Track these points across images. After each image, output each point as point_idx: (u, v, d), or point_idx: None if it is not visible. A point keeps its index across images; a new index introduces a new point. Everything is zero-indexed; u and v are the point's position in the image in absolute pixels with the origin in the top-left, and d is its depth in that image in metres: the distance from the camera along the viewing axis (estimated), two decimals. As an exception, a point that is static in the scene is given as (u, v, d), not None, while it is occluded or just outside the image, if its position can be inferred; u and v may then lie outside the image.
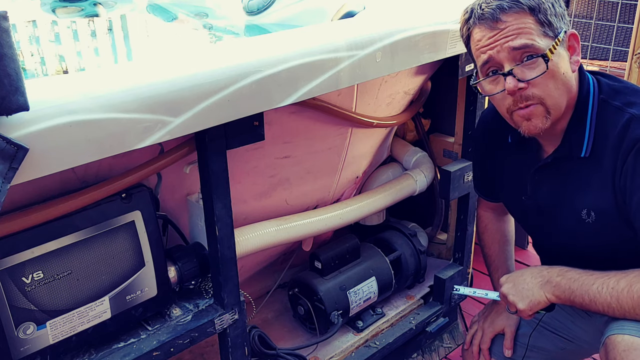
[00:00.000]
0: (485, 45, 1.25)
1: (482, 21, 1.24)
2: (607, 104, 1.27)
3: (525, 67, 1.22)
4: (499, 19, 1.22)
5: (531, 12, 1.21)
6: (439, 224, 2.22)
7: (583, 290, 1.25)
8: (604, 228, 1.29)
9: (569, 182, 1.34)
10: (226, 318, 1.41)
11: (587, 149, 1.28)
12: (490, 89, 1.29)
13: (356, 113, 1.68)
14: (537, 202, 1.41)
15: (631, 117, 1.22)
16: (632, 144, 1.20)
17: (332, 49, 1.33)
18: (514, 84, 1.22)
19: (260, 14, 2.14)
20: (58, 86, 1.06)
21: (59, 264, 1.17)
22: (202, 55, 1.23)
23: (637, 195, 1.20)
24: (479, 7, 1.26)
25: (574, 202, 1.32)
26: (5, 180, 0.92)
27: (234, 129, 1.26)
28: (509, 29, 1.22)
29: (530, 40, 1.21)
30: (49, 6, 2.39)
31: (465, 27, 1.31)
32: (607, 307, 1.23)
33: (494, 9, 1.23)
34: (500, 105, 1.30)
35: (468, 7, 1.30)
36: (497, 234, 1.68)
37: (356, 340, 1.87)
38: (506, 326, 1.58)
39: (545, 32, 1.22)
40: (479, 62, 1.28)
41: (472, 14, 1.28)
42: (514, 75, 1.22)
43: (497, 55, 1.24)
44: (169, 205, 1.48)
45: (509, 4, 1.22)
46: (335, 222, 1.81)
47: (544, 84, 1.22)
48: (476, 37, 1.27)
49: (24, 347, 1.17)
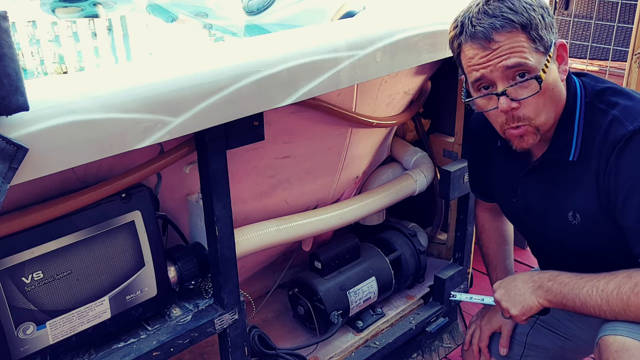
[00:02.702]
0: (478, 64, 1.23)
1: (475, 40, 1.21)
2: (593, 107, 1.28)
3: (518, 87, 1.21)
4: (491, 38, 1.19)
5: (523, 29, 1.19)
6: (438, 224, 2.22)
7: (574, 294, 1.26)
8: (589, 229, 1.30)
9: (557, 185, 1.34)
10: (226, 318, 1.41)
11: (575, 152, 1.28)
12: (483, 104, 1.28)
13: (356, 113, 1.68)
14: (527, 205, 1.42)
15: (613, 118, 1.22)
16: (613, 145, 1.20)
17: (332, 49, 1.33)
18: (508, 104, 1.22)
19: (260, 14, 2.14)
20: (58, 86, 1.06)
21: (58, 264, 1.17)
22: (202, 55, 1.23)
23: (622, 195, 1.20)
24: (469, 22, 1.22)
25: (561, 204, 1.33)
26: (5, 180, 0.92)
27: (234, 129, 1.26)
28: (502, 49, 1.19)
29: (523, 59, 1.19)
30: (49, 6, 2.39)
31: (456, 42, 1.27)
32: (598, 310, 1.23)
33: (486, 28, 1.19)
34: (494, 121, 1.30)
35: (458, 20, 1.27)
36: (494, 234, 1.68)
37: (356, 340, 1.87)
38: (503, 324, 1.58)
39: (537, 48, 1.21)
40: (471, 79, 1.27)
41: (462, 29, 1.24)
42: (508, 95, 1.21)
43: (490, 75, 1.22)
44: (169, 205, 1.48)
45: (502, 22, 1.19)
46: (335, 222, 1.81)
47: (535, 102, 1.22)
48: (468, 55, 1.24)
49: (23, 347, 1.17)
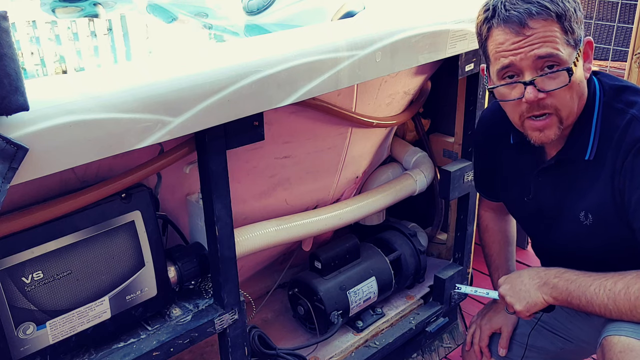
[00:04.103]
0: (508, 50, 1.18)
1: (508, 24, 1.17)
2: (611, 106, 1.27)
3: (547, 78, 1.18)
4: (526, 24, 1.16)
5: (558, 19, 1.16)
6: (438, 224, 2.22)
7: (580, 291, 1.25)
8: (600, 230, 1.29)
9: (571, 184, 1.33)
10: (226, 318, 1.41)
11: (591, 151, 1.27)
12: (505, 93, 1.25)
13: (356, 113, 1.68)
14: (539, 204, 1.41)
15: (632, 117, 1.22)
16: (631, 145, 1.20)
17: (332, 49, 1.33)
18: (535, 94, 1.19)
19: (260, 14, 2.14)
20: (58, 86, 1.06)
21: (58, 264, 1.17)
22: (202, 55, 1.23)
23: (635, 195, 1.20)
24: (502, 6, 1.18)
25: (574, 204, 1.32)
26: (5, 180, 0.92)
27: (234, 129, 1.26)
28: (536, 36, 1.16)
29: (555, 50, 1.16)
30: (48, 6, 2.39)
31: (485, 26, 1.22)
32: (604, 309, 1.22)
33: (521, 13, 1.16)
34: (513, 111, 1.26)
35: (489, 4, 1.22)
36: (498, 234, 1.68)
37: (356, 340, 1.87)
38: (503, 325, 1.58)
39: (568, 41, 1.18)
40: (497, 65, 1.22)
41: (495, 12, 1.19)
42: (535, 85, 1.18)
43: (520, 63, 1.18)
44: (169, 205, 1.48)
45: (537, 9, 1.15)
46: (335, 222, 1.81)
47: (562, 95, 1.20)
48: (498, 39, 1.20)
49: (23, 347, 1.17)
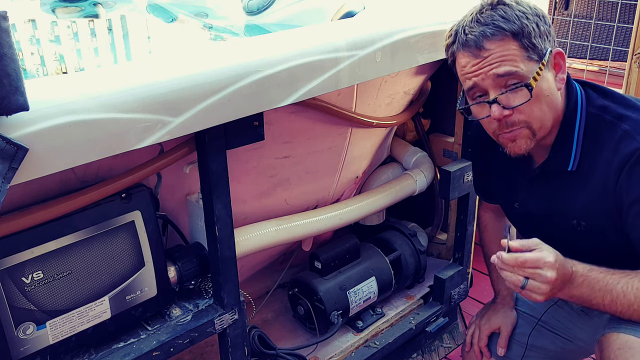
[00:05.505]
0: (470, 72, 1.24)
1: (466, 48, 1.23)
2: (599, 118, 1.27)
3: (510, 94, 1.21)
4: (482, 46, 1.21)
5: (514, 37, 1.20)
6: (438, 224, 2.22)
7: (607, 290, 1.19)
8: (596, 233, 1.30)
9: (558, 193, 1.34)
10: (226, 318, 1.41)
11: (574, 162, 1.28)
12: (477, 112, 1.30)
13: (356, 113, 1.68)
14: (529, 210, 1.42)
15: (624, 132, 1.22)
16: (626, 159, 1.20)
17: (332, 49, 1.33)
18: (499, 112, 1.22)
19: (260, 14, 2.14)
20: (58, 86, 1.05)
21: (58, 264, 1.17)
22: (202, 55, 1.23)
23: (633, 211, 1.20)
24: (462, 31, 1.24)
25: (564, 212, 1.33)
26: (5, 180, 0.92)
27: (234, 129, 1.26)
28: (493, 57, 1.20)
29: (514, 67, 1.20)
30: (49, 6, 2.39)
31: (449, 51, 1.30)
32: (627, 308, 1.18)
33: (477, 36, 1.21)
34: (488, 129, 1.31)
35: (452, 29, 1.29)
36: (497, 234, 1.68)
37: (356, 340, 1.87)
38: (502, 325, 1.58)
39: (530, 57, 1.21)
40: (465, 87, 1.28)
41: (456, 38, 1.26)
42: (499, 103, 1.22)
43: (482, 83, 1.23)
44: (169, 205, 1.48)
45: (492, 30, 1.20)
46: (335, 222, 1.81)
47: (528, 109, 1.22)
48: (461, 63, 1.26)
49: (23, 347, 1.17)
